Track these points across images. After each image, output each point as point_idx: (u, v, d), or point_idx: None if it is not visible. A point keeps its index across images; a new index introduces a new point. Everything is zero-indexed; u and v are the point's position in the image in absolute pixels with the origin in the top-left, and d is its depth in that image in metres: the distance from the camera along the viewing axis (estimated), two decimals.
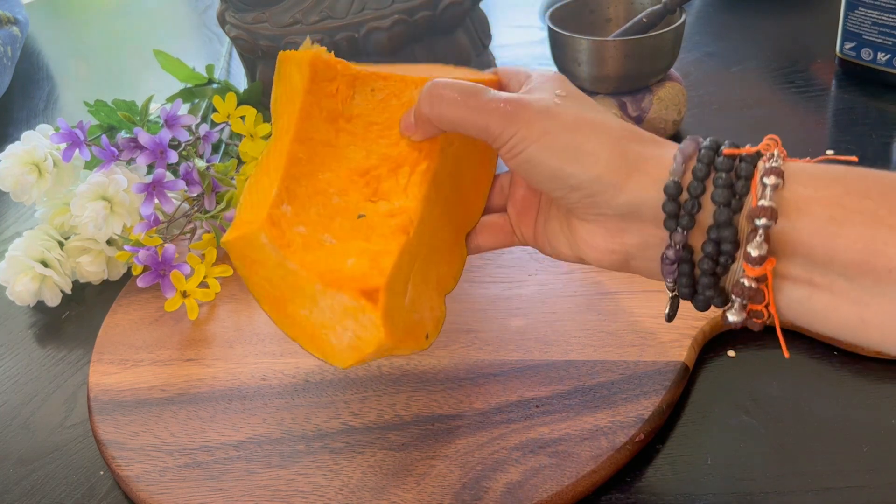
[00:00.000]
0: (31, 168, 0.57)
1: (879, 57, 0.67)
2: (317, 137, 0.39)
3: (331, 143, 0.39)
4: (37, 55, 1.07)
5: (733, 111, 0.67)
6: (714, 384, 0.43)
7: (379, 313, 0.35)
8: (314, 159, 0.39)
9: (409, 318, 0.38)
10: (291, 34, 0.66)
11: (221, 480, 0.41)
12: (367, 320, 0.35)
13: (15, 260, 0.55)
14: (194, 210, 0.56)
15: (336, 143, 0.39)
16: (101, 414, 0.46)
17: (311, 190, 0.38)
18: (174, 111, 0.57)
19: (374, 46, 0.66)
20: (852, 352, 0.43)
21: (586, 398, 0.42)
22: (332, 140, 0.39)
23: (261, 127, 0.60)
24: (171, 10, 1.21)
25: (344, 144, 0.39)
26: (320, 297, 0.36)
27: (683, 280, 0.34)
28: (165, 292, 0.52)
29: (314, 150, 0.39)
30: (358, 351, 0.36)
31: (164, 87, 0.73)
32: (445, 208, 0.39)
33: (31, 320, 0.57)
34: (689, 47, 0.78)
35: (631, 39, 0.57)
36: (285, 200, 0.37)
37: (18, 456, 0.46)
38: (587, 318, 0.47)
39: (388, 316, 0.35)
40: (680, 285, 0.34)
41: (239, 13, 0.69)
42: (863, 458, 0.38)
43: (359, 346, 0.36)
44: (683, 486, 0.39)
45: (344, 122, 0.40)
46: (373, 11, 0.65)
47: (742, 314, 0.32)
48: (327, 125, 0.39)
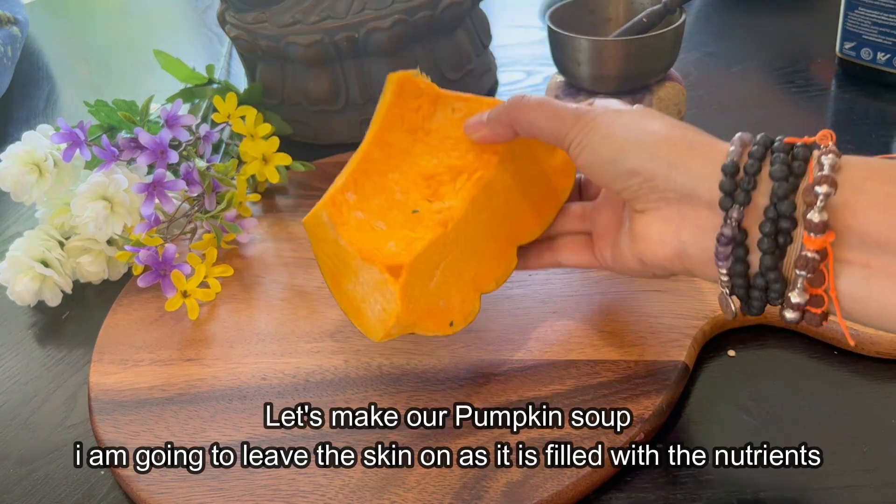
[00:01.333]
0: (32, 168, 0.57)
1: (879, 57, 0.67)
2: (394, 144, 0.45)
3: (407, 150, 0.45)
4: (37, 55, 1.07)
5: (733, 111, 0.67)
6: (714, 384, 0.44)
7: (398, 287, 0.40)
8: (389, 161, 0.44)
9: (432, 301, 0.41)
10: (291, 34, 0.66)
11: (222, 480, 0.41)
12: (389, 293, 0.40)
13: (15, 260, 0.55)
14: (195, 210, 0.56)
15: (412, 151, 0.45)
16: (101, 414, 0.46)
17: (378, 185, 0.44)
18: (174, 111, 0.57)
19: (374, 46, 0.66)
20: (852, 351, 0.43)
21: (586, 397, 0.42)
22: (408, 148, 0.45)
23: (261, 127, 0.60)
24: (171, 10, 1.21)
25: (419, 153, 0.45)
26: (360, 271, 0.41)
27: (738, 268, 0.34)
28: (166, 292, 0.52)
29: (390, 153, 0.45)
30: (383, 323, 0.40)
31: (164, 87, 0.73)
32: (495, 216, 0.43)
33: (31, 320, 0.58)
34: (689, 47, 0.78)
35: (631, 39, 0.57)
36: (351, 189, 0.43)
37: (19, 456, 0.46)
38: (587, 317, 0.47)
39: (406, 292, 0.40)
40: (734, 275, 0.34)
41: (239, 13, 0.69)
42: (863, 457, 0.38)
43: (384, 319, 0.40)
44: (683, 486, 0.39)
45: (423, 134, 0.46)
46: (373, 11, 0.65)
47: (804, 296, 0.32)
48: (406, 135, 0.45)
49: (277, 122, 0.70)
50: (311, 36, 0.65)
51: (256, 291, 0.54)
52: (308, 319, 0.50)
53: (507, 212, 0.44)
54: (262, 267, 0.56)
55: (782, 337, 0.45)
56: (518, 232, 0.44)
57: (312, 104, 0.69)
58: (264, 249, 0.58)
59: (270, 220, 0.61)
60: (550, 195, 0.45)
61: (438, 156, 0.45)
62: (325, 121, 0.70)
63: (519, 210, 0.44)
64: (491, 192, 0.43)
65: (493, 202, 0.43)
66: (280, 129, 0.69)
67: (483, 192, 0.42)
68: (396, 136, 0.45)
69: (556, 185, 0.45)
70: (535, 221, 0.45)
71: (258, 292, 0.54)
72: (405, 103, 0.46)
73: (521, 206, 0.44)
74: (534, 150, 0.44)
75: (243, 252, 0.58)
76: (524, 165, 0.44)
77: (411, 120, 0.46)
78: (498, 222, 0.43)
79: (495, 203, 0.43)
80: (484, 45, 0.75)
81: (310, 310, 0.51)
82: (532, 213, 0.44)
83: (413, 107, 0.46)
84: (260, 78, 0.71)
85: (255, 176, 0.62)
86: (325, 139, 0.71)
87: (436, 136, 0.45)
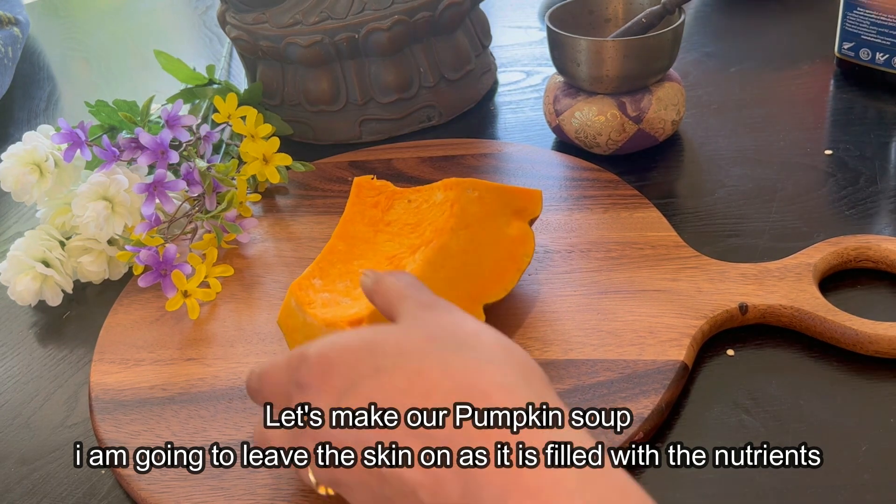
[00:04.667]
0: (33, 168, 0.57)
1: (878, 57, 0.67)
2: (358, 236, 0.49)
3: (369, 240, 0.49)
4: (37, 55, 1.07)
5: (732, 111, 0.68)
6: (713, 383, 0.44)
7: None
8: (352, 251, 0.48)
9: None
10: (291, 35, 0.66)
11: (222, 479, 0.41)
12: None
13: (16, 260, 0.55)
14: (195, 210, 0.57)
15: (374, 241, 0.49)
16: (102, 413, 0.46)
17: (342, 270, 0.47)
18: (175, 111, 0.57)
19: (374, 47, 0.66)
20: (852, 351, 0.44)
21: (586, 397, 0.42)
22: (370, 238, 0.49)
23: (261, 127, 0.61)
24: (171, 11, 1.21)
25: (381, 241, 0.49)
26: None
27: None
28: (166, 292, 0.52)
29: (353, 244, 0.49)
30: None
31: (164, 87, 0.73)
32: (455, 275, 0.45)
33: (32, 320, 0.58)
34: (688, 47, 0.78)
35: (630, 40, 0.57)
36: (317, 276, 0.46)
37: (19, 455, 0.46)
38: (587, 317, 0.47)
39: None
40: None
41: (239, 14, 0.69)
42: (861, 457, 0.39)
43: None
44: (683, 486, 0.39)
45: (383, 225, 0.50)
46: (373, 12, 0.65)
47: None
48: (367, 227, 0.50)
49: (278, 123, 0.70)
50: (311, 36, 0.65)
51: (257, 291, 0.54)
52: None
53: (465, 272, 0.46)
54: (262, 267, 0.56)
55: (781, 337, 0.45)
56: (480, 292, 0.46)
57: (312, 104, 0.69)
58: (265, 249, 0.58)
59: (271, 220, 0.61)
60: (510, 259, 0.47)
61: (400, 240, 0.48)
62: (325, 121, 0.70)
63: (478, 272, 0.46)
64: (447, 255, 0.45)
65: (449, 263, 0.45)
66: (280, 130, 0.70)
67: (439, 254, 0.45)
68: (359, 230, 0.49)
69: (514, 252, 0.47)
70: (496, 282, 0.46)
71: (259, 292, 0.54)
72: (364, 201, 0.51)
73: (479, 269, 0.46)
74: (489, 221, 0.47)
75: (244, 252, 0.58)
76: (478, 232, 0.47)
77: (371, 214, 0.50)
78: (458, 281, 0.45)
79: (452, 264, 0.45)
80: (484, 45, 0.75)
81: None
82: (492, 275, 0.46)
83: (371, 202, 0.50)
84: (260, 78, 0.71)
85: (256, 176, 0.62)
86: (325, 139, 0.71)
87: (395, 225, 0.49)
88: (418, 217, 0.49)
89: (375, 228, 0.50)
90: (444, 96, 0.71)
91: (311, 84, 0.68)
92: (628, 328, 0.45)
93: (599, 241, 0.52)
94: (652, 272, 0.49)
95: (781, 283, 0.46)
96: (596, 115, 0.60)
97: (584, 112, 0.60)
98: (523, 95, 0.76)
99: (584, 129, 0.61)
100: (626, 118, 0.59)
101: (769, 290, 0.46)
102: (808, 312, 0.44)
